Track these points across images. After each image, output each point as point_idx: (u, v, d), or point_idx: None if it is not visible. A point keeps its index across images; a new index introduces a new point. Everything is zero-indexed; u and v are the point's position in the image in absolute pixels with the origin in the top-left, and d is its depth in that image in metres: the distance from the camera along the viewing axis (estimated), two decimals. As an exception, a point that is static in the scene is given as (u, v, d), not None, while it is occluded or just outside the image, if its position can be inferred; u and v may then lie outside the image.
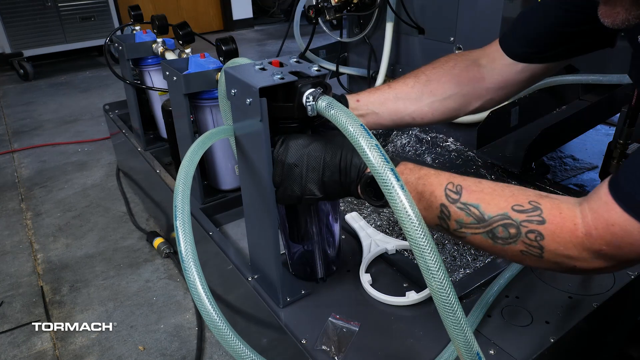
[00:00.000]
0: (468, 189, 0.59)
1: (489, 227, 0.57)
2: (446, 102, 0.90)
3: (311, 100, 0.61)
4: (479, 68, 0.90)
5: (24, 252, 1.63)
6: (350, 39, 1.73)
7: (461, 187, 0.59)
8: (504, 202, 0.56)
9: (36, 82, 3.64)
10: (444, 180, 0.61)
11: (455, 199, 0.59)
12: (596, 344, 0.93)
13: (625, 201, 0.50)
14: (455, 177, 0.61)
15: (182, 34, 1.33)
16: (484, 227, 0.57)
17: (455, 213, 0.59)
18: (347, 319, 0.78)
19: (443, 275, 0.49)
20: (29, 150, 2.45)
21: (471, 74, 0.90)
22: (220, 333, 0.57)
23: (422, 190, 0.62)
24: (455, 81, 0.90)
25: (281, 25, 5.70)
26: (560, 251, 0.54)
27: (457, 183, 0.60)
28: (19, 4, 3.54)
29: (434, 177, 0.62)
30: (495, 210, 0.56)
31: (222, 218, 1.19)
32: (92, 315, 1.33)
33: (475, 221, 0.57)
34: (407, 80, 0.92)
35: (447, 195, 0.60)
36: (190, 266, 0.58)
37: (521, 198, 0.56)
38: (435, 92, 0.90)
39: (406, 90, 0.90)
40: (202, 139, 0.70)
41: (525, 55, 0.86)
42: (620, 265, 0.53)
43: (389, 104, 0.90)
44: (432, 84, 0.90)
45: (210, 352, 1.19)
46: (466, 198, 0.58)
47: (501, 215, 0.56)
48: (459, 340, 0.50)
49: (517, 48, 0.86)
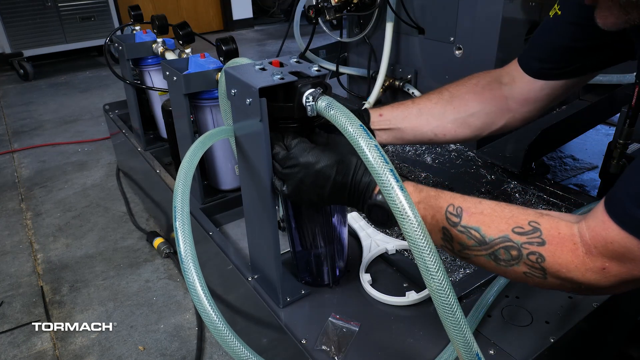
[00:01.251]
0: (468, 211, 0.59)
1: (490, 250, 0.57)
2: (470, 119, 0.90)
3: (311, 100, 0.61)
4: (500, 86, 0.89)
5: (24, 252, 1.63)
6: (350, 39, 1.73)
7: (461, 209, 0.59)
8: (504, 224, 0.56)
9: (36, 82, 3.64)
10: (444, 202, 0.61)
11: (456, 222, 0.59)
12: (596, 344, 0.93)
13: (621, 218, 0.50)
14: (455, 199, 0.61)
15: (182, 34, 1.33)
16: (486, 250, 0.57)
17: (457, 236, 0.59)
18: (347, 319, 0.78)
19: (442, 276, 0.49)
20: (29, 150, 2.45)
21: (494, 92, 0.89)
22: (219, 334, 0.58)
23: (423, 215, 0.62)
24: (479, 99, 0.89)
25: (281, 25, 5.69)
26: (563, 272, 0.53)
27: (457, 205, 0.60)
28: (19, 4, 3.54)
29: (434, 200, 0.62)
30: (496, 233, 0.56)
31: (222, 218, 1.19)
32: (92, 315, 1.33)
33: (477, 244, 0.58)
34: (431, 96, 0.91)
35: (448, 219, 0.60)
36: (189, 267, 0.58)
37: (521, 219, 0.56)
38: (459, 109, 0.89)
39: (429, 106, 0.90)
40: (202, 140, 0.70)
41: (542, 72, 0.85)
42: (628, 283, 0.52)
43: (411, 119, 0.89)
44: (455, 101, 0.89)
45: (210, 352, 1.19)
46: (466, 221, 0.58)
47: (502, 237, 0.56)
48: (459, 341, 0.50)
49: (534, 65, 0.85)
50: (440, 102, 0.90)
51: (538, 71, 0.85)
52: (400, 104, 0.92)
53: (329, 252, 0.83)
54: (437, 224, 0.60)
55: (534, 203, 1.15)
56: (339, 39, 1.74)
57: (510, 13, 1.25)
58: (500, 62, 1.39)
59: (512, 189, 1.20)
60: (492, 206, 0.59)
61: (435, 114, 0.90)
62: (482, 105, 0.89)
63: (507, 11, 1.24)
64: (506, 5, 1.23)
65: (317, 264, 0.85)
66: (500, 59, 1.28)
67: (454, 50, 1.38)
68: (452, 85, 0.92)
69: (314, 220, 0.79)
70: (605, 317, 0.83)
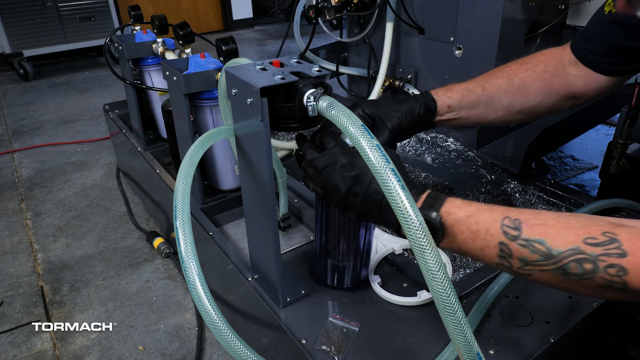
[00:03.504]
0: (528, 222, 0.54)
1: (559, 264, 0.52)
2: (535, 108, 0.88)
3: (312, 100, 0.61)
4: (566, 74, 0.87)
5: (23, 252, 1.63)
6: (350, 39, 1.73)
7: (519, 221, 0.54)
8: (572, 235, 0.51)
9: (36, 82, 3.64)
10: (499, 215, 0.56)
11: (515, 235, 0.54)
12: (596, 344, 0.93)
13: None
14: (510, 211, 0.56)
15: (182, 34, 1.33)
16: (554, 264, 0.52)
17: (517, 251, 0.54)
18: (347, 319, 0.78)
19: (444, 276, 0.49)
20: (29, 150, 2.45)
21: (560, 79, 0.87)
22: (220, 334, 0.58)
23: (476, 230, 0.57)
24: (547, 89, 0.87)
25: (281, 25, 5.70)
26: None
27: (514, 217, 0.55)
28: (19, 3, 3.54)
29: (486, 213, 0.57)
30: (565, 245, 0.51)
31: (222, 218, 1.19)
32: (92, 315, 1.33)
33: (542, 258, 0.52)
34: (500, 81, 0.88)
35: (505, 232, 0.55)
36: (190, 266, 0.58)
37: (593, 230, 0.51)
38: (527, 99, 0.87)
39: (499, 95, 0.87)
40: (202, 140, 0.70)
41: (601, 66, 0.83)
42: None
43: (479, 108, 0.87)
44: (525, 89, 0.87)
45: (210, 352, 1.19)
46: (528, 233, 0.53)
47: (572, 250, 0.51)
48: (460, 340, 0.50)
49: (591, 57, 0.84)
50: (510, 90, 0.87)
51: (597, 65, 0.83)
52: (468, 89, 0.87)
53: (357, 256, 0.82)
54: (493, 239, 0.55)
55: (533, 203, 1.15)
56: (339, 39, 1.74)
57: (511, 13, 1.25)
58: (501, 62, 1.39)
59: (512, 189, 1.21)
60: (555, 217, 0.54)
61: (504, 104, 0.87)
62: (549, 95, 0.87)
63: (507, 11, 1.24)
64: (506, 5, 1.23)
65: (341, 266, 0.84)
66: (500, 59, 1.28)
67: (454, 50, 1.38)
68: (521, 69, 0.89)
69: (344, 222, 0.78)
70: (605, 317, 0.83)
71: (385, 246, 0.94)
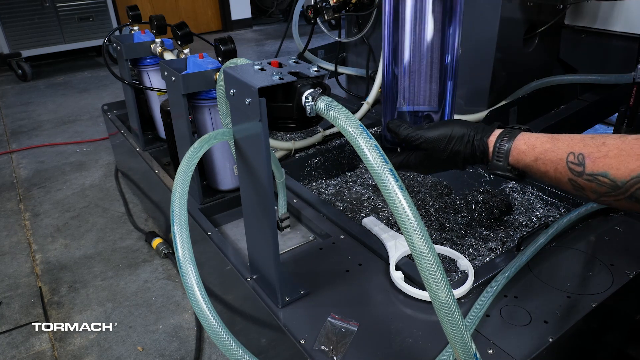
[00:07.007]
0: (590, 156, 0.54)
1: (627, 193, 0.51)
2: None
3: (310, 100, 0.61)
4: None
5: (22, 253, 1.63)
6: (348, 39, 1.73)
7: (583, 156, 0.54)
8: (633, 162, 0.50)
9: (34, 83, 3.64)
10: (563, 153, 0.56)
11: (580, 171, 0.54)
12: (595, 343, 0.93)
13: None
14: (575, 144, 0.56)
15: (181, 34, 1.33)
16: (623, 194, 0.52)
17: (587, 185, 0.54)
18: (346, 319, 0.78)
19: (441, 276, 0.49)
20: (27, 150, 2.45)
21: None
22: (219, 339, 0.57)
23: (545, 170, 0.58)
24: None
25: (280, 25, 5.70)
26: None
27: (577, 152, 0.55)
28: (17, 4, 3.53)
29: (551, 153, 0.58)
30: (628, 174, 0.50)
31: (221, 218, 1.19)
32: (91, 316, 1.33)
33: (610, 189, 0.52)
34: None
35: (571, 169, 0.55)
36: (188, 272, 0.58)
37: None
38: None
39: None
40: (200, 143, 0.70)
41: None
42: None
43: None
44: None
45: (209, 352, 1.19)
46: (591, 168, 0.53)
47: (635, 177, 0.50)
48: (457, 342, 0.50)
49: None
50: None
51: None
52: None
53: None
54: (562, 177, 0.56)
55: (532, 203, 1.15)
56: (338, 39, 1.74)
57: (509, 13, 1.25)
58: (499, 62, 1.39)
59: (510, 189, 1.21)
60: (618, 144, 0.53)
61: None
62: None
63: (505, 11, 1.24)
64: (505, 5, 1.23)
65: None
66: (499, 59, 1.28)
67: (452, 50, 1.38)
68: None
69: None
70: (604, 316, 0.83)
71: (405, 246, 0.93)
